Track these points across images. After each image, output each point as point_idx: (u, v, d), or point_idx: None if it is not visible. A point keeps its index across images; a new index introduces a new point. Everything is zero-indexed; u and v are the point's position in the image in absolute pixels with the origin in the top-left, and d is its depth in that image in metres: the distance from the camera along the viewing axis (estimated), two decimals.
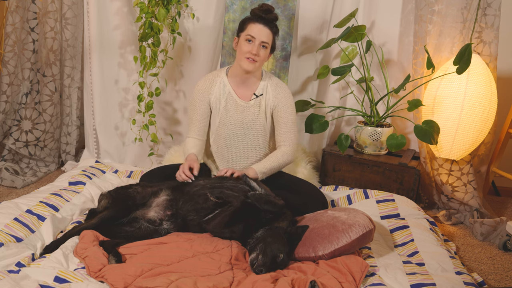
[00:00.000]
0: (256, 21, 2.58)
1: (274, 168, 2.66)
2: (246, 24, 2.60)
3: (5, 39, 3.16)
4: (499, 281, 2.44)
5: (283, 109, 2.68)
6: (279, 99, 2.68)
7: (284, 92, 2.70)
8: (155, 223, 2.36)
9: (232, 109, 2.68)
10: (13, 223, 2.24)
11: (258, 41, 2.56)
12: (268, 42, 2.58)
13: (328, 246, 2.19)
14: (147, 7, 3.05)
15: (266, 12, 2.57)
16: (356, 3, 3.18)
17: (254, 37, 2.55)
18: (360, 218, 2.27)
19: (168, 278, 1.90)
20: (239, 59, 2.61)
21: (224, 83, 2.70)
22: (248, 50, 2.56)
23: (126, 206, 2.37)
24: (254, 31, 2.56)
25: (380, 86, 3.31)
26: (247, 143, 2.70)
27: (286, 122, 2.69)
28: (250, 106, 2.68)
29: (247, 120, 2.68)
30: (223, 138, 2.70)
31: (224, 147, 2.72)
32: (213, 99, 2.69)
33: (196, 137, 2.71)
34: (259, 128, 2.69)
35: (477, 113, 2.91)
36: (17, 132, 3.34)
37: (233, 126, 2.68)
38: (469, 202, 3.10)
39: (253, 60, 2.57)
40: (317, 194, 2.69)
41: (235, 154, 2.71)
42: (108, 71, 3.39)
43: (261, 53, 2.58)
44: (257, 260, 2.08)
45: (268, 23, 2.58)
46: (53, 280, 1.90)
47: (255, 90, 2.69)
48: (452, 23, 2.99)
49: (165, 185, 2.50)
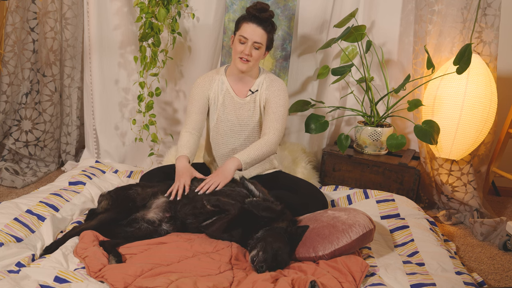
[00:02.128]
0: (250, 20, 2.55)
1: (258, 157, 2.53)
2: (241, 23, 2.58)
3: (5, 39, 3.16)
4: (499, 281, 2.44)
5: (274, 100, 2.64)
6: (271, 91, 2.66)
7: (278, 86, 2.67)
8: (154, 224, 2.35)
9: (229, 105, 2.68)
10: (13, 223, 2.24)
11: (251, 42, 2.53)
12: (261, 43, 2.55)
13: (329, 246, 2.19)
14: (147, 7, 3.05)
15: (260, 10, 2.54)
16: (356, 3, 3.18)
17: (246, 38, 2.53)
18: (360, 218, 2.27)
19: (168, 278, 1.90)
20: (234, 58, 2.62)
21: (223, 80, 2.70)
22: (241, 50, 2.55)
23: (126, 208, 2.36)
24: (247, 31, 2.54)
25: (380, 86, 3.31)
26: (244, 140, 2.70)
27: (275, 112, 2.62)
28: (246, 102, 2.68)
29: (243, 116, 2.68)
30: (221, 135, 2.71)
31: (222, 143, 2.72)
32: (212, 95, 2.69)
33: (191, 131, 2.65)
34: (256, 125, 2.70)
35: (477, 113, 2.91)
36: (17, 132, 3.34)
37: (230, 122, 2.69)
38: (469, 202, 3.10)
39: (246, 60, 2.56)
40: (317, 194, 2.68)
41: (233, 150, 2.70)
42: (108, 71, 3.39)
43: (254, 53, 2.56)
44: (258, 256, 2.08)
45: (262, 23, 2.55)
46: (53, 280, 1.90)
47: (251, 87, 2.69)
48: (452, 23, 2.99)
49: (165, 186, 2.50)
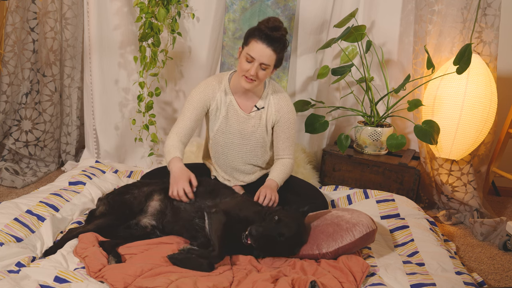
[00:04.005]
0: (260, 38, 2.36)
1: (285, 179, 2.62)
2: (250, 39, 2.41)
3: (5, 39, 3.16)
4: (499, 281, 2.44)
5: (286, 125, 2.60)
6: (281, 114, 2.59)
7: (287, 107, 2.59)
8: (147, 229, 2.36)
9: (232, 118, 2.58)
10: (13, 223, 2.24)
11: (258, 63, 2.38)
12: (269, 64, 2.39)
13: (332, 244, 2.20)
14: (147, 7, 3.05)
15: (272, 29, 2.36)
16: (356, 3, 3.18)
17: (253, 57, 2.37)
18: (363, 218, 2.29)
19: (168, 278, 1.90)
20: (239, 73, 2.46)
21: (226, 91, 2.57)
22: (247, 69, 2.40)
23: (123, 215, 2.34)
24: (255, 51, 2.37)
25: (380, 86, 3.31)
26: (245, 153, 2.63)
27: (288, 137, 2.62)
28: (251, 117, 2.58)
29: (246, 131, 2.59)
30: (221, 145, 2.63)
31: (221, 154, 2.65)
32: (214, 105, 2.58)
33: (181, 138, 2.51)
34: (258, 140, 2.62)
35: (477, 113, 2.91)
36: (17, 132, 3.34)
37: (231, 135, 2.60)
38: (469, 202, 3.10)
39: (251, 80, 2.42)
40: (318, 196, 2.68)
41: (233, 161, 2.65)
42: (108, 71, 3.39)
43: (260, 74, 2.41)
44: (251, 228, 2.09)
45: (273, 43, 2.36)
46: (53, 280, 1.90)
47: (256, 102, 2.59)
48: (452, 23, 2.99)
49: (160, 184, 2.47)
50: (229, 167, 2.67)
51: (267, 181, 2.54)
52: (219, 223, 2.14)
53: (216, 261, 2.08)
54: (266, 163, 2.72)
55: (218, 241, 2.09)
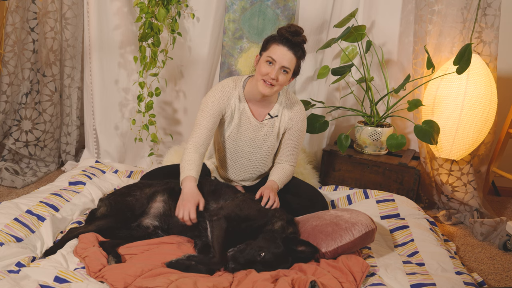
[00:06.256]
0: (281, 42, 2.35)
1: (285, 183, 2.60)
2: (270, 43, 2.39)
3: (5, 39, 3.16)
4: (499, 281, 2.44)
5: (296, 133, 2.58)
6: (294, 122, 2.56)
7: (300, 115, 2.57)
8: (148, 230, 2.36)
9: (245, 126, 2.54)
10: (13, 223, 2.24)
11: (279, 65, 2.34)
12: (289, 68, 2.37)
13: (332, 243, 2.21)
14: (147, 7, 3.05)
15: (294, 34, 2.35)
16: (356, 3, 3.18)
17: (275, 60, 2.34)
18: (362, 217, 2.29)
19: (168, 278, 1.90)
20: (256, 79, 2.41)
21: (240, 98, 2.51)
22: (267, 72, 2.35)
23: (125, 217, 2.33)
24: (276, 53, 2.35)
25: (380, 86, 3.31)
26: (254, 161, 2.61)
27: (296, 145, 2.61)
28: (264, 125, 2.54)
29: (257, 139, 2.56)
30: (230, 151, 2.60)
31: (229, 159, 2.63)
32: (229, 112, 2.52)
33: (198, 149, 2.46)
34: (268, 148, 2.59)
35: (477, 113, 2.92)
36: (17, 132, 3.34)
37: (242, 142, 2.57)
38: (469, 202, 3.10)
39: (270, 84, 2.37)
40: (318, 196, 2.68)
41: (239, 168, 2.64)
42: (108, 71, 3.39)
43: (281, 78, 2.37)
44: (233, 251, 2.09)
45: (294, 47, 2.36)
46: (53, 280, 1.90)
47: (270, 110, 2.55)
48: (452, 23, 2.99)
49: (163, 185, 2.47)
50: (234, 173, 2.66)
51: (268, 181, 2.54)
52: (221, 229, 2.16)
53: (217, 267, 2.10)
54: (269, 168, 2.72)
55: (219, 248, 2.11)
